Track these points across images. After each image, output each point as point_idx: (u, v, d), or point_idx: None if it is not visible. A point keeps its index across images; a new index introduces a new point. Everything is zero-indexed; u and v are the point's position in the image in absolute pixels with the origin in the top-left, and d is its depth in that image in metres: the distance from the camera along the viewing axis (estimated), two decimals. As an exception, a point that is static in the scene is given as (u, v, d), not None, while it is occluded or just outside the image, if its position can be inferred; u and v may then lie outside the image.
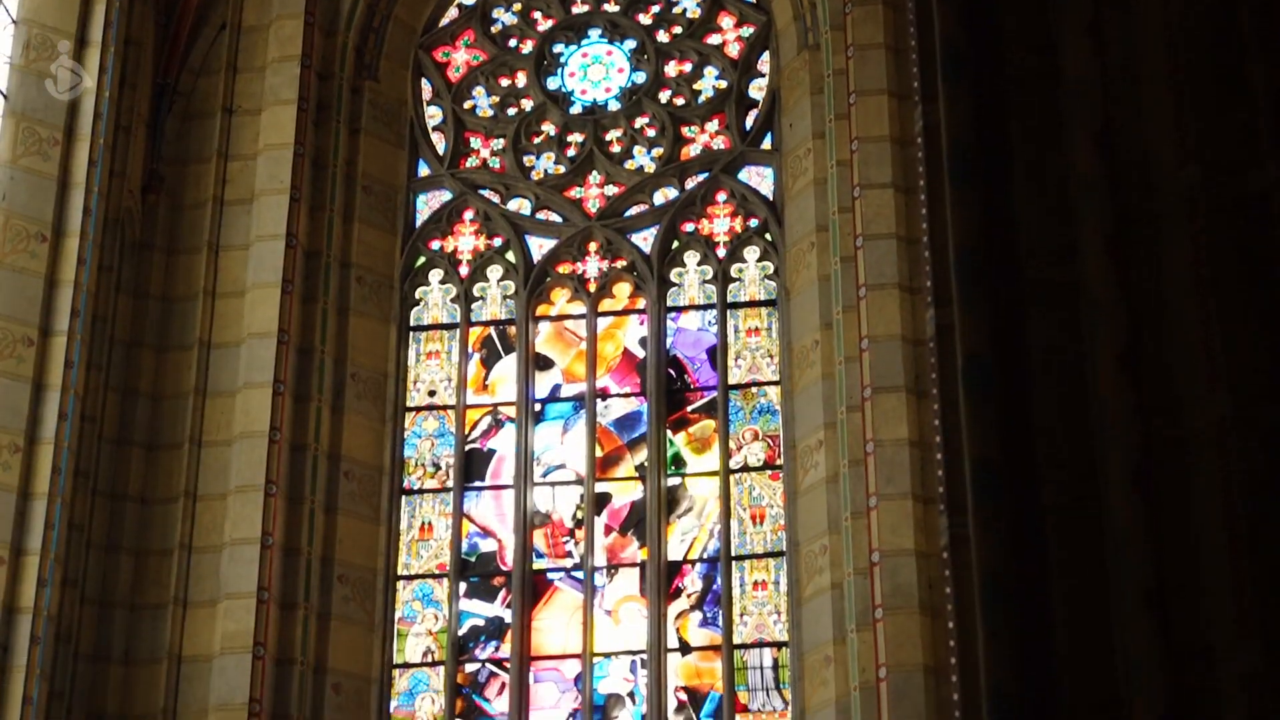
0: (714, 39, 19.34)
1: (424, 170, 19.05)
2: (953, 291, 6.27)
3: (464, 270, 18.56)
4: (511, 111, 19.35)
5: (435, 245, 18.68)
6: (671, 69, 19.30)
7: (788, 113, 18.47)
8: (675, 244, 18.48)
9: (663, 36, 19.45)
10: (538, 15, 19.73)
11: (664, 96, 19.19)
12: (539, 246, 18.71)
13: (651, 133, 19.04)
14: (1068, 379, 5.76)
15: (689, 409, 17.86)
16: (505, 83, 19.50)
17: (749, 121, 18.84)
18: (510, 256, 18.63)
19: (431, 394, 18.07)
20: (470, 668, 17.09)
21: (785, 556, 16.84)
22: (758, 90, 18.96)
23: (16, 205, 15.82)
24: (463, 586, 17.33)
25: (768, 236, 18.22)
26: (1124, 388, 5.45)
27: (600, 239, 18.60)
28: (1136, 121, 5.55)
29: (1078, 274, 5.73)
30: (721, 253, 18.27)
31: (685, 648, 16.92)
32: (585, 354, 18.14)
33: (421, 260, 18.60)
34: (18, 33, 16.41)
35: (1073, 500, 5.73)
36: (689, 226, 18.52)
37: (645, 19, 19.52)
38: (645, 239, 18.58)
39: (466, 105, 19.38)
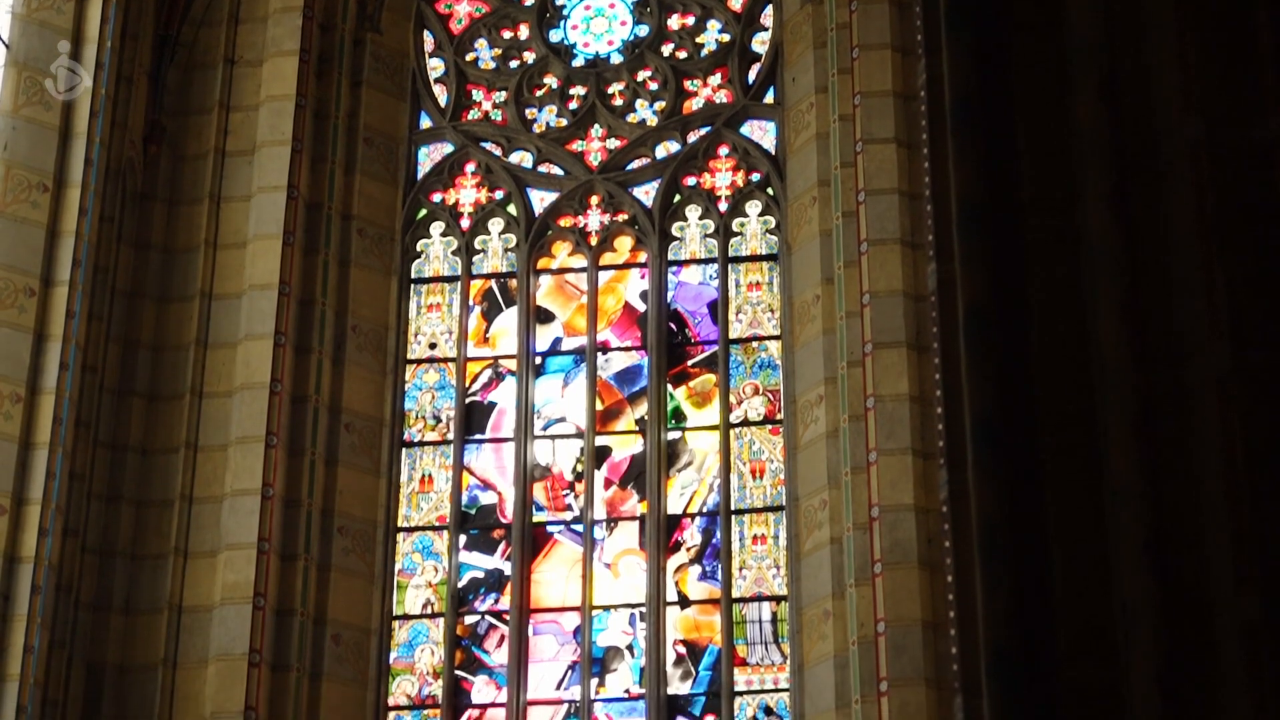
0: (717, -8, 19.29)
1: (426, 122, 19.03)
2: (954, 245, 6.27)
3: (465, 223, 18.56)
4: (514, 64, 19.32)
5: (436, 198, 18.67)
6: (674, 22, 19.25)
7: (790, 67, 18.44)
8: (677, 198, 18.47)
9: (666, -11, 19.41)
10: (540, -32, 19.69)
11: (666, 50, 19.16)
12: (540, 199, 18.71)
13: (654, 86, 19.01)
14: (1069, 331, 5.76)
15: (689, 363, 17.87)
16: (507, 35, 19.46)
17: (751, 75, 18.81)
18: (512, 209, 18.63)
19: (432, 346, 18.08)
20: (470, 620, 17.14)
21: (785, 511, 16.86)
22: (760, 44, 18.93)
23: (18, 155, 15.80)
24: (462, 539, 17.37)
25: (769, 191, 18.21)
26: (1125, 339, 5.45)
27: (602, 192, 18.59)
28: (1141, 74, 5.54)
29: (1080, 226, 5.73)
30: (723, 207, 18.26)
31: (684, 601, 16.96)
32: (586, 307, 18.15)
33: (423, 213, 18.60)
34: (20, -18, 16.38)
35: (1072, 453, 5.73)
36: (691, 180, 18.51)
37: (648, -28, 19.47)
38: (647, 193, 18.57)
39: (468, 57, 19.35)
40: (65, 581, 15.49)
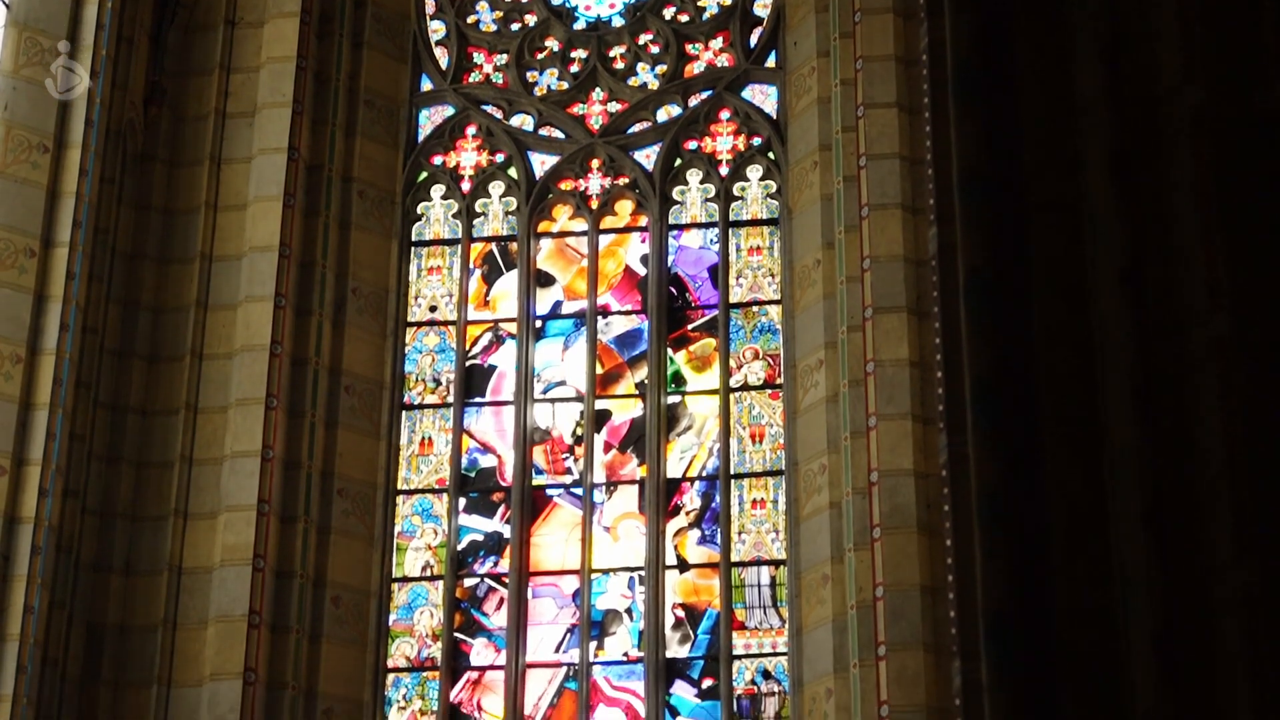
0: (719, -45, 19.24)
1: (427, 85, 19.00)
2: (955, 210, 6.26)
3: (466, 186, 18.55)
4: (515, 27, 19.28)
5: (437, 160, 18.66)
6: (676, -15, 19.21)
7: (792, 30, 18.40)
8: (678, 162, 18.45)
9: (668, -48, 19.35)
10: (542, -70, 19.62)
11: (668, 13, 19.11)
12: (541, 163, 18.69)
13: (655, 49, 18.97)
14: (1069, 297, 5.77)
15: (690, 327, 17.88)
16: (509, -2, 19.42)
17: (753, 39, 18.78)
18: (512, 172, 18.61)
19: (432, 309, 18.08)
20: (469, 582, 17.17)
21: (784, 475, 16.88)
22: (762, 7, 18.88)
23: (19, 116, 15.78)
24: (462, 502, 17.39)
25: (770, 155, 18.19)
26: (1125, 306, 5.45)
27: (603, 156, 18.57)
28: (1143, 41, 5.54)
29: (1081, 192, 5.72)
30: (724, 171, 18.24)
31: (683, 565, 16.99)
32: (586, 271, 18.14)
33: (423, 175, 18.58)
34: (20, -58, 16.33)
35: (1072, 419, 5.74)
36: (692, 144, 18.49)
37: (650, -65, 19.42)
38: (648, 156, 18.55)
39: (470, 20, 19.30)
40: (65, 542, 15.51)
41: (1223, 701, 5.09)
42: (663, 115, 18.72)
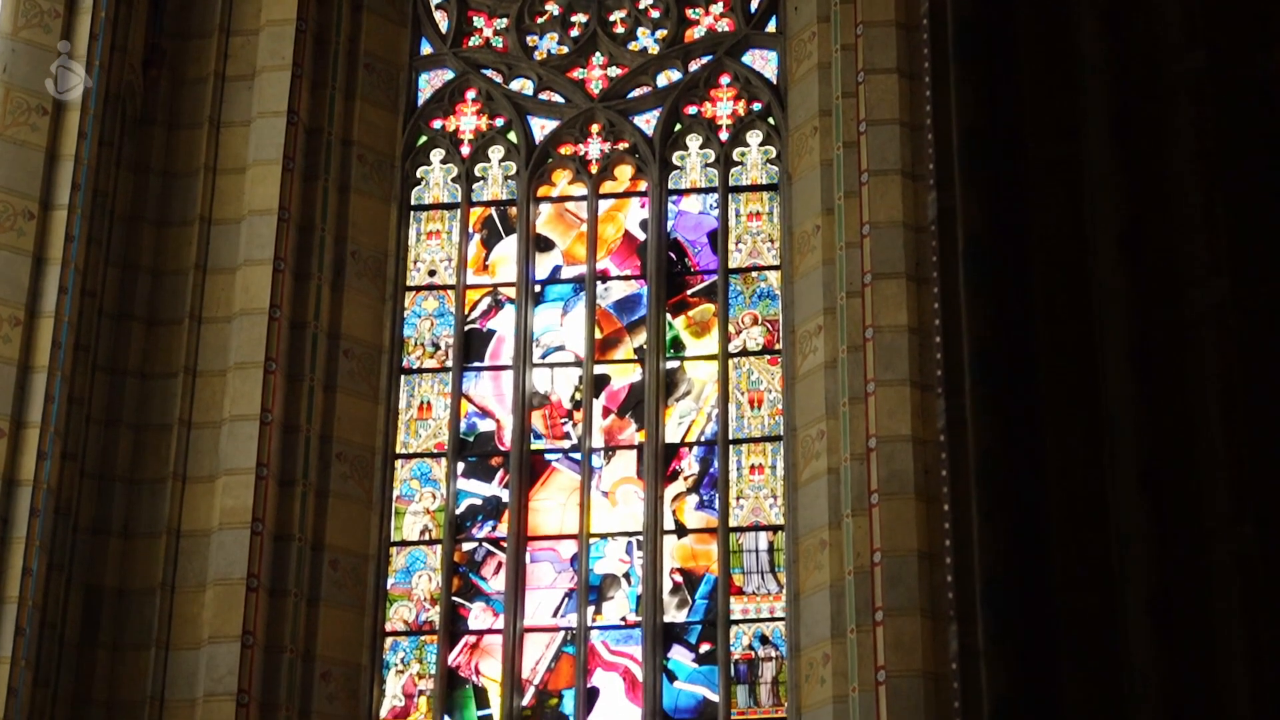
0: (720, -80, 19.19)
1: (426, 49, 18.97)
2: (954, 175, 6.26)
3: (465, 150, 18.52)
4: (515, -9, 19.23)
5: (437, 124, 18.63)
6: (677, -50, 19.16)
7: (793, -4, 18.36)
8: (678, 127, 18.42)
9: (668, -83, 19.30)
10: (542, -107, 19.57)
11: (669, -22, 19.07)
12: (541, 127, 18.66)
13: (655, 14, 18.93)
14: (1068, 262, 5.77)
15: (689, 292, 17.87)
16: (509, -39, 19.37)
17: (754, 4, 18.73)
18: (512, 137, 18.58)
19: (432, 274, 18.07)
20: (467, 547, 17.18)
21: (782, 441, 16.89)
22: (763, -28, 18.83)
23: (17, 78, 15.75)
24: (460, 466, 17.40)
25: (770, 120, 18.16)
26: (1124, 270, 5.46)
27: (602, 120, 18.54)
28: (1144, 3, 5.53)
29: (1081, 156, 5.72)
30: (724, 136, 18.22)
31: (681, 530, 17.01)
32: (586, 236, 18.13)
33: (423, 139, 18.55)
34: (18, -97, 16.28)
35: (1069, 383, 5.74)
36: (692, 109, 18.46)
37: (651, -101, 19.36)
38: (648, 121, 18.52)
39: (470, -17, 19.26)
40: (64, 505, 15.52)
41: (1220, 664, 5.10)
42: (663, 80, 18.69)
